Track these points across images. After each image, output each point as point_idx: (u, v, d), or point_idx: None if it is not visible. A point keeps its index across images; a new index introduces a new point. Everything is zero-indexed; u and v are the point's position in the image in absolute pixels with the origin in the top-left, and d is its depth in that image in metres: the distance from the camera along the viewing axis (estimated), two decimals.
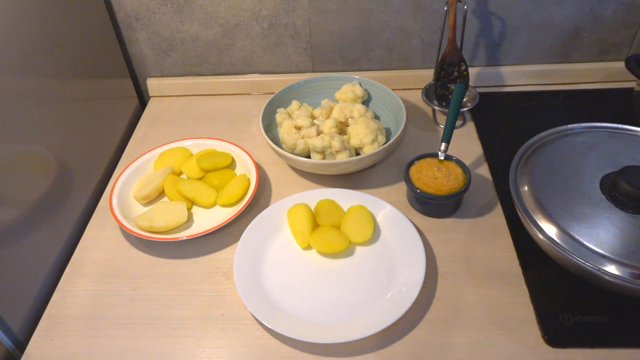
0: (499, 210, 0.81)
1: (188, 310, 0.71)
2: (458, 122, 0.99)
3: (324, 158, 0.86)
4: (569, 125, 0.81)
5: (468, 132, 0.97)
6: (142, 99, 1.16)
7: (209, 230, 0.77)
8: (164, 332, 0.68)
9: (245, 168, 0.89)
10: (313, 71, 1.10)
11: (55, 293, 0.74)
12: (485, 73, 1.08)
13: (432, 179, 0.79)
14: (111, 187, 0.86)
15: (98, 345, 0.67)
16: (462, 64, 0.94)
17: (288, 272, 0.74)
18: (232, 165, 0.91)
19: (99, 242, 0.81)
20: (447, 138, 0.81)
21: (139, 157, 0.91)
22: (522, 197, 0.72)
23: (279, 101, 0.97)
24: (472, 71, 1.05)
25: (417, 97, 1.05)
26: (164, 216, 0.80)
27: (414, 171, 0.81)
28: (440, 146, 0.81)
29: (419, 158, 0.82)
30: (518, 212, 0.72)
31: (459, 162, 0.81)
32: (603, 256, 0.62)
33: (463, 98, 0.81)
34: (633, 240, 0.65)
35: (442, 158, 0.81)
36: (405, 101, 0.92)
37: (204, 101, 1.11)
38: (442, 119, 1.00)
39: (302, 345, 0.65)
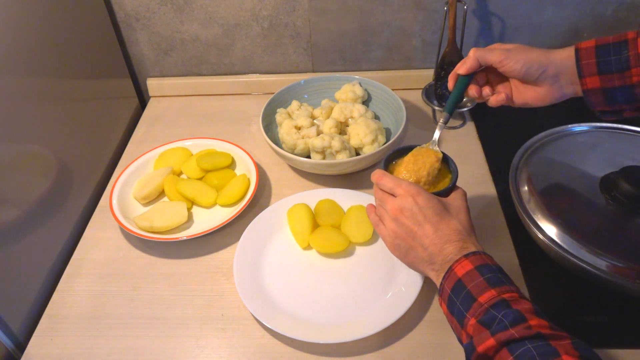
0: (499, 210, 0.81)
1: (188, 310, 0.71)
2: (458, 122, 0.99)
3: (324, 158, 0.86)
4: (569, 125, 0.81)
5: (468, 132, 0.97)
6: (142, 99, 1.15)
7: (209, 230, 0.77)
8: (164, 332, 0.68)
9: (245, 168, 0.89)
10: (313, 71, 1.10)
11: (55, 293, 0.74)
12: None
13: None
14: (111, 187, 0.86)
15: (98, 345, 0.67)
16: None
17: (288, 272, 0.74)
18: (232, 165, 0.91)
19: (99, 242, 0.81)
20: (451, 108, 0.68)
21: (139, 157, 0.91)
22: (522, 197, 0.72)
23: (279, 101, 0.96)
24: None
25: (417, 97, 1.05)
26: (164, 216, 0.80)
27: (394, 170, 0.67)
28: (440, 118, 0.69)
29: (398, 155, 0.69)
30: (518, 212, 0.72)
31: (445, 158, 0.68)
32: (603, 256, 0.62)
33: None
34: (633, 240, 0.65)
35: (438, 134, 0.70)
36: (405, 101, 0.92)
37: (204, 101, 1.11)
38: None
39: (302, 345, 0.65)
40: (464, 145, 0.94)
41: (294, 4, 1.00)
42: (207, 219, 0.82)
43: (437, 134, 0.69)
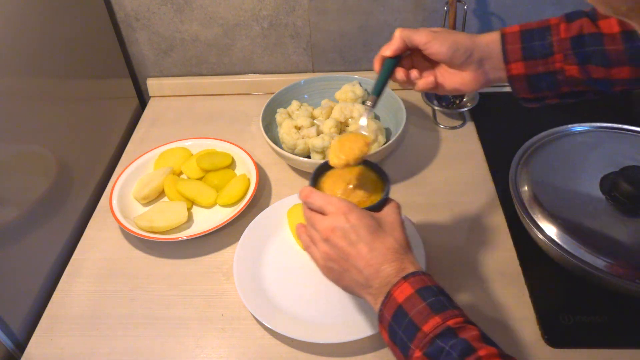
0: (499, 210, 0.81)
1: (188, 310, 0.71)
2: (458, 122, 0.99)
3: (324, 158, 0.86)
4: (569, 125, 0.81)
5: (468, 132, 0.97)
6: (142, 99, 1.15)
7: (209, 230, 0.77)
8: (164, 332, 0.68)
9: (245, 168, 0.89)
10: (313, 71, 1.10)
11: (55, 293, 0.74)
12: None
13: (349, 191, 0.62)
14: (111, 187, 0.86)
15: (98, 345, 0.67)
16: None
17: (288, 272, 0.74)
18: (232, 165, 0.91)
19: (99, 242, 0.81)
20: (378, 90, 0.63)
21: (139, 157, 0.91)
22: (522, 197, 0.72)
23: (279, 101, 0.96)
24: None
25: (417, 97, 1.05)
26: (164, 216, 0.80)
27: (324, 186, 0.63)
28: (367, 101, 0.64)
29: (327, 169, 0.63)
30: (518, 212, 0.72)
31: (370, 165, 0.64)
32: (602, 256, 0.62)
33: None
34: (633, 240, 0.65)
35: (366, 118, 0.65)
36: (405, 101, 0.92)
37: (204, 101, 1.11)
38: (442, 119, 1.00)
39: (302, 345, 0.65)
40: (464, 145, 0.94)
41: (294, 4, 1.00)
42: (207, 219, 0.82)
43: (364, 118, 0.64)
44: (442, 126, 0.99)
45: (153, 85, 1.12)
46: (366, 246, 0.53)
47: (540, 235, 0.67)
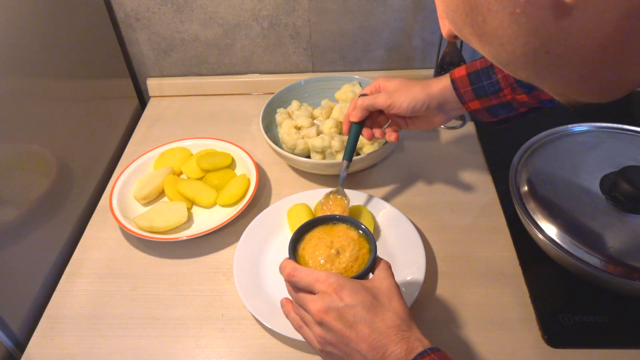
0: (499, 210, 0.81)
1: (188, 310, 0.71)
2: (458, 122, 0.99)
3: (324, 158, 0.86)
4: (569, 125, 0.81)
5: (468, 132, 0.97)
6: (142, 99, 1.16)
7: (209, 230, 0.77)
8: (164, 332, 0.68)
9: (245, 168, 0.89)
10: (313, 71, 1.10)
11: (55, 293, 0.74)
12: None
13: (330, 259, 0.57)
14: (111, 187, 0.86)
15: (98, 345, 0.67)
16: (462, 64, 0.94)
17: None
18: (232, 165, 0.91)
19: (99, 242, 0.81)
20: (349, 155, 0.75)
21: (139, 157, 0.91)
22: (522, 197, 0.72)
23: (279, 101, 0.96)
24: None
25: None
26: (164, 216, 0.80)
27: (305, 254, 0.58)
28: (342, 166, 0.76)
29: (305, 232, 0.61)
30: (518, 212, 0.72)
31: (349, 222, 0.61)
32: (603, 256, 0.62)
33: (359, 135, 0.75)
34: (633, 240, 0.65)
35: (343, 182, 0.75)
36: None
37: (204, 101, 1.11)
38: None
39: (302, 345, 0.65)
40: (464, 145, 0.94)
41: (294, 4, 1.00)
42: (207, 219, 0.82)
43: (341, 182, 0.76)
44: (442, 126, 0.99)
45: (153, 85, 1.12)
46: (366, 327, 0.48)
47: (540, 235, 0.67)
